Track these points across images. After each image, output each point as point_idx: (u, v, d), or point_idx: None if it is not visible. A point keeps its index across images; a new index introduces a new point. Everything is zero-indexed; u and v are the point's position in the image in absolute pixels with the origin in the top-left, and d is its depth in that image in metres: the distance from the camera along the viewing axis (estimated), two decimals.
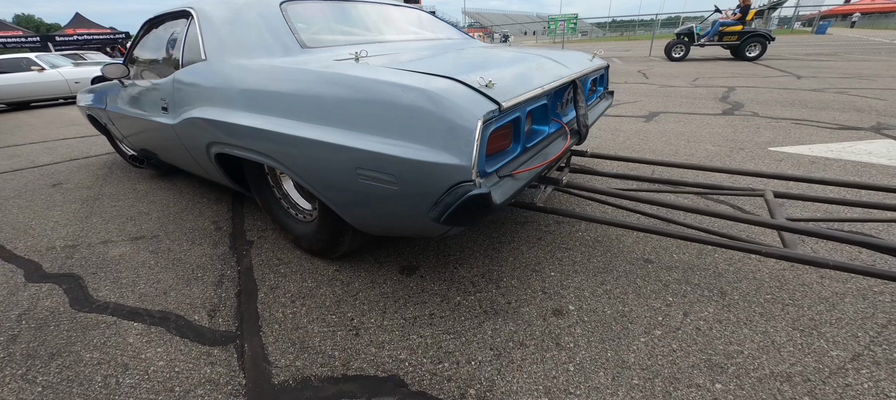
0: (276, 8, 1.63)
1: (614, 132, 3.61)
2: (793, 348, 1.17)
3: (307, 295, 1.54)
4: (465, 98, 0.97)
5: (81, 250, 1.99)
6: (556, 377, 1.11)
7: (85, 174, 3.24)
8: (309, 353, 1.25)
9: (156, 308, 1.51)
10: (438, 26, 2.45)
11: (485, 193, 0.95)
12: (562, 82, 1.38)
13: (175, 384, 1.16)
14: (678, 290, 1.44)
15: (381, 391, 1.11)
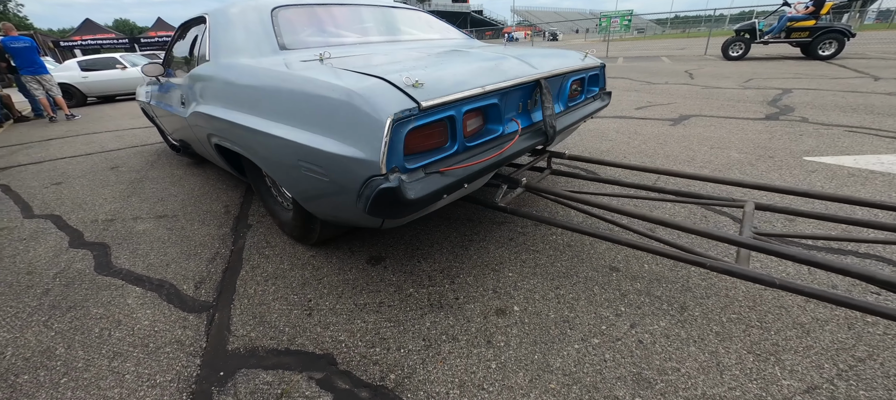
0: (267, 13, 1.79)
1: (632, 135, 3.43)
2: (739, 372, 1.08)
3: (280, 276, 1.68)
4: (383, 97, 1.03)
5: (116, 224, 2.31)
6: (475, 373, 1.13)
7: (138, 160, 3.72)
8: (264, 326, 1.38)
9: (156, 277, 1.74)
10: (435, 27, 2.50)
11: (394, 188, 1.00)
12: (513, 83, 1.37)
13: (150, 342, 1.35)
14: (635, 301, 1.38)
15: (313, 367, 1.20)
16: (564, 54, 2.00)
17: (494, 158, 1.26)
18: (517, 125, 1.46)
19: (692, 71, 7.64)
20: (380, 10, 2.27)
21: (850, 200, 1.29)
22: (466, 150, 1.27)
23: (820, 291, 0.97)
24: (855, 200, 1.29)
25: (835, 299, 0.94)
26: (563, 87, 1.82)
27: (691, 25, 44.84)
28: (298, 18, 1.88)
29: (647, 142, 3.21)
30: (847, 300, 0.93)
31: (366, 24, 2.13)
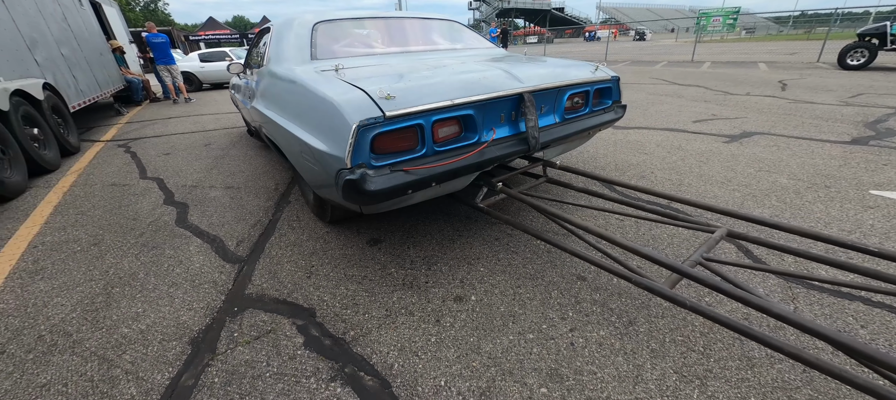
0: (309, 28, 2.16)
1: (673, 150, 3.23)
2: (654, 387, 1.13)
3: (297, 244, 2.04)
4: (353, 106, 1.27)
5: (197, 190, 2.94)
6: (415, 342, 1.34)
7: (225, 139, 4.53)
8: (274, 280, 1.74)
9: (212, 233, 2.23)
10: (461, 38, 2.68)
11: (356, 180, 1.24)
12: (488, 97, 1.52)
13: (196, 279, 1.79)
14: (587, 309, 1.45)
15: (297, 315, 1.51)
16: (571, 66, 2.06)
17: (457, 163, 1.44)
18: (492, 135, 1.60)
19: (789, 81, 6.64)
20: (408, 22, 2.53)
21: (819, 236, 1.21)
22: (436, 153, 1.46)
23: (724, 317, 0.99)
24: (823, 238, 1.21)
25: (737, 328, 0.96)
26: (560, 101, 1.89)
27: (822, 23, 37.56)
28: (333, 32, 2.22)
29: (686, 159, 3.02)
30: (747, 330, 0.94)
31: (392, 36, 2.41)
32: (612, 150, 3.33)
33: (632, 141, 3.58)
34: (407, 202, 1.62)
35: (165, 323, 1.51)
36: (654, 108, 4.91)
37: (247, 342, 1.38)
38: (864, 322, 1.33)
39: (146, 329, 1.48)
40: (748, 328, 0.93)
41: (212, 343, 1.39)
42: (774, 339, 0.92)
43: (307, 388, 1.19)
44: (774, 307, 0.96)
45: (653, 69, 9.56)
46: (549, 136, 1.80)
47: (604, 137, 3.74)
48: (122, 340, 1.43)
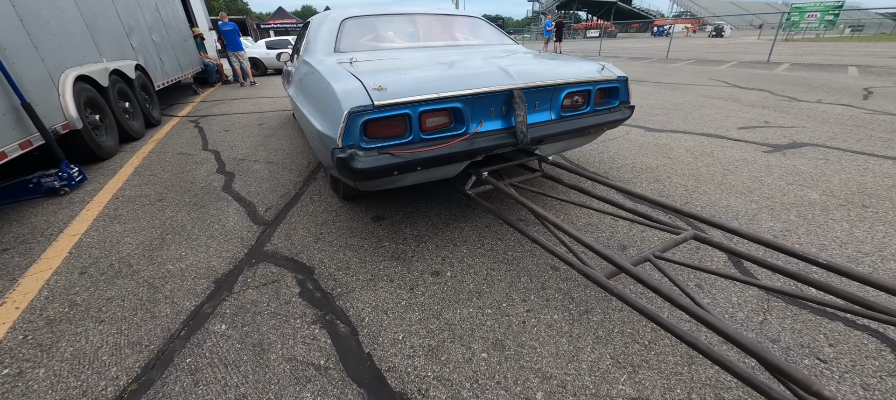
0: (337, 23, 2.41)
1: (701, 156, 3.08)
2: (586, 367, 1.23)
3: (314, 214, 2.33)
4: (349, 96, 1.48)
5: (244, 162, 3.38)
6: (388, 303, 1.54)
7: (276, 120, 5.05)
8: (287, 242, 2.04)
9: (248, 199, 2.60)
10: (481, 34, 2.79)
11: (345, 158, 1.45)
12: (475, 92, 1.64)
13: (229, 235, 2.14)
14: (549, 295, 1.55)
15: (299, 271, 1.78)
16: (573, 65, 2.10)
17: (440, 150, 1.60)
18: (479, 127, 1.73)
19: (878, 88, 5.80)
20: (431, 18, 2.70)
21: (785, 249, 1.20)
22: (422, 141, 1.63)
23: (643, 306, 1.05)
24: (785, 250, 1.19)
25: (653, 318, 1.03)
26: (556, 99, 1.96)
27: None
28: (357, 27, 2.46)
29: (713, 167, 2.88)
30: (669, 326, 1.01)
31: (413, 32, 2.59)
32: (634, 153, 3.25)
33: (660, 144, 3.45)
34: (399, 183, 1.81)
35: (199, 265, 1.86)
36: (699, 112, 4.62)
37: (256, 287, 1.68)
38: (800, 329, 1.29)
39: (185, 268, 1.84)
40: (663, 319, 1.00)
41: (230, 284, 1.70)
42: (688, 335, 0.98)
43: (293, 326, 1.44)
44: (695, 310, 1.01)
45: (716, 69, 8.79)
46: (542, 131, 1.89)
47: (629, 139, 3.64)
48: (167, 274, 1.80)
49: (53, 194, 2.77)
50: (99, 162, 3.51)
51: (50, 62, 3.14)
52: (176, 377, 1.24)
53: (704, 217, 1.41)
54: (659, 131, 3.87)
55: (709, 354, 0.89)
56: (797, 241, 1.88)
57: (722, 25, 33.71)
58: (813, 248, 1.82)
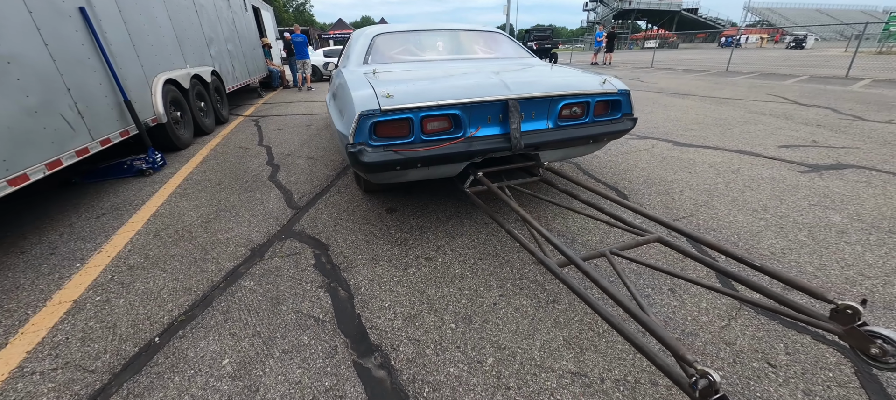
0: (370, 38, 2.76)
1: (726, 173, 3.00)
2: (538, 343, 1.39)
3: (338, 203, 2.68)
4: (362, 101, 1.77)
5: (289, 157, 3.87)
6: (383, 278, 1.80)
7: (323, 122, 5.60)
8: (313, 223, 2.38)
9: (287, 188, 3.02)
10: (499, 48, 3.00)
11: (354, 152, 1.74)
12: (472, 100, 1.86)
13: (267, 215, 2.54)
14: (525, 285, 1.72)
15: (316, 247, 2.10)
16: (574, 78, 2.25)
17: (437, 150, 1.83)
18: (474, 132, 1.94)
19: None
20: (453, 33, 2.96)
21: (726, 251, 1.27)
22: (423, 142, 1.88)
23: (581, 292, 1.20)
24: (723, 250, 1.26)
25: (588, 302, 1.17)
26: (553, 109, 2.12)
27: None
28: (386, 42, 2.79)
29: (733, 184, 2.81)
30: (597, 307, 1.15)
31: (433, 46, 2.87)
32: (653, 166, 3.25)
33: (685, 159, 3.40)
34: (405, 178, 2.07)
35: (241, 237, 2.25)
36: (740, 129, 4.40)
37: (281, 256, 2.02)
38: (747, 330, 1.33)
39: (230, 238, 2.24)
40: (593, 301, 1.15)
41: (262, 253, 2.07)
42: (622, 326, 1.12)
43: (304, 288, 1.75)
44: (626, 302, 1.14)
45: (779, 84, 8.11)
46: (537, 138, 2.06)
47: (654, 152, 3.61)
48: (216, 241, 2.21)
49: (141, 175, 3.42)
50: (177, 151, 4.20)
51: (147, 68, 3.86)
52: (212, 315, 1.59)
53: (665, 221, 1.50)
54: (687, 146, 3.78)
55: (623, 332, 1.03)
56: (796, 259, 1.85)
57: (804, 36, 30.40)
58: (810, 267, 1.80)
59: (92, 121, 2.91)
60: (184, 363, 1.35)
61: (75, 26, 2.93)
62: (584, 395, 1.19)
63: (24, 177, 2.21)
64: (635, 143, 3.97)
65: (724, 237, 2.07)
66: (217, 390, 1.24)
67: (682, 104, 6.11)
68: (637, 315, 1.02)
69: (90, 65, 3.03)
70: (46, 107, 2.49)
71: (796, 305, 1.07)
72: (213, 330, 1.51)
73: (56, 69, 2.64)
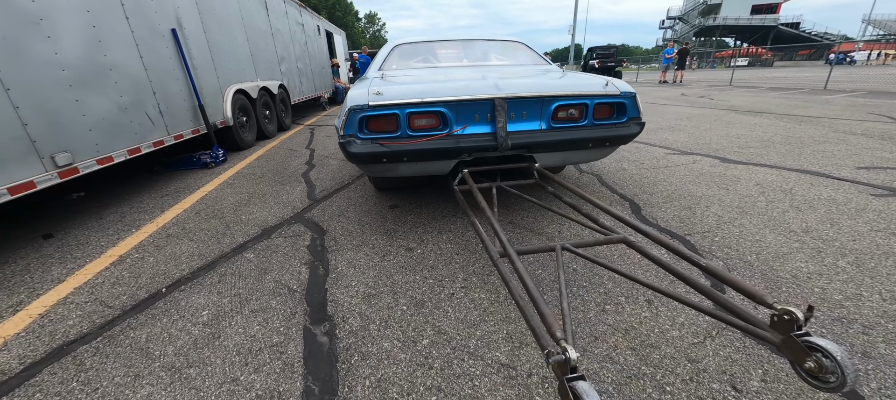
0: (390, 48, 2.98)
1: (772, 191, 2.62)
2: (479, 334, 1.37)
3: (349, 198, 2.89)
4: (355, 98, 1.93)
5: (326, 159, 4.24)
6: (360, 262, 1.91)
7: None
8: (322, 213, 2.61)
9: (314, 183, 3.33)
10: (514, 56, 3.03)
11: (343, 142, 1.91)
12: (458, 98, 1.92)
13: (288, 204, 2.84)
14: (489, 281, 1.70)
15: (315, 231, 2.30)
16: (573, 80, 2.19)
17: (419, 145, 1.92)
18: (459, 129, 2.00)
19: None
20: (469, 42, 3.07)
21: (684, 255, 1.15)
22: (409, 137, 1.99)
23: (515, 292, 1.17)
24: (670, 247, 1.13)
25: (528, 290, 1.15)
26: (546, 110, 2.09)
27: None
28: (405, 51, 2.99)
29: (777, 203, 2.45)
30: (531, 295, 1.13)
31: (449, 54, 2.99)
32: (686, 180, 2.96)
33: (727, 176, 3.04)
34: (395, 172, 2.17)
35: (259, 219, 2.55)
36: (815, 148, 3.80)
37: (284, 237, 2.25)
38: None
39: (251, 219, 2.55)
40: (514, 290, 1.13)
41: (270, 233, 2.32)
42: (524, 309, 1.08)
43: (290, 263, 1.93)
44: (534, 292, 1.11)
45: (890, 103, 6.79)
46: (527, 139, 2.04)
47: (692, 168, 3.28)
48: (239, 221, 2.53)
49: (205, 167, 4.02)
50: (239, 150, 4.86)
51: (222, 79, 4.57)
52: (210, 277, 1.84)
53: (628, 220, 1.40)
54: (736, 163, 3.37)
55: (524, 316, 1.00)
56: (822, 285, 1.57)
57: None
58: (838, 295, 1.51)
59: (170, 119, 3.53)
60: (174, 310, 1.59)
61: (166, 44, 3.63)
62: (503, 385, 1.15)
63: (109, 158, 2.77)
64: (674, 158, 3.65)
65: (739, 256, 1.83)
66: (189, 333, 1.44)
67: (751, 122, 5.43)
68: (531, 292, 0.99)
69: (174, 75, 3.70)
70: (135, 105, 3.10)
71: (735, 308, 0.94)
72: (206, 288, 1.75)
73: (146, 77, 3.29)
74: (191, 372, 1.25)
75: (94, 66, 2.73)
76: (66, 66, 2.49)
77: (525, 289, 1.04)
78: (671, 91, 11.35)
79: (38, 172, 2.23)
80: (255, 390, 1.17)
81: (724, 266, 1.75)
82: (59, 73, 2.45)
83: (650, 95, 10.13)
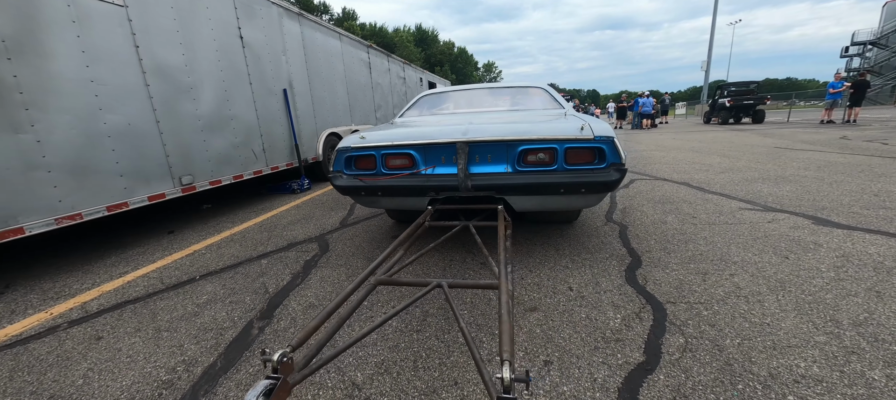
0: (417, 98, 3.39)
1: (795, 247, 1.95)
2: (390, 330, 1.50)
3: (371, 224, 3.28)
4: (345, 142, 2.33)
5: None
6: (329, 277, 2.22)
7: None
8: (340, 234, 3.06)
9: (354, 211, 3.87)
10: (528, 102, 3.06)
11: (331, 176, 2.31)
12: (424, 142, 2.12)
13: (323, 226, 3.40)
14: (421, 303, 1.79)
15: (323, 248, 2.73)
16: (546, 124, 2.17)
17: (389, 181, 2.18)
18: (426, 169, 2.18)
19: None
20: (485, 91, 3.26)
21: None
22: (382, 174, 2.27)
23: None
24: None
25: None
26: (511, 153, 2.10)
27: None
28: (428, 100, 3.35)
29: (801, 261, 1.83)
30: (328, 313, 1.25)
31: (462, 102, 3.22)
32: (733, 240, 2.42)
33: (803, 241, 2.35)
34: (378, 204, 2.45)
35: (293, 235, 3.15)
36: None
37: (298, 250, 2.75)
38: None
39: (288, 235, 3.17)
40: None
41: (291, 247, 2.86)
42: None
43: (283, 270, 2.37)
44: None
45: None
46: (491, 181, 2.10)
47: (766, 226, 2.64)
48: (280, 235, 3.18)
49: (291, 192, 5.06)
50: (324, 181, 5.91)
51: (319, 124, 5.74)
52: (228, 273, 2.41)
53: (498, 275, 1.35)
54: (836, 226, 2.56)
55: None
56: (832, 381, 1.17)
57: None
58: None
59: (270, 154, 4.65)
60: (190, 291, 2.17)
61: (277, 100, 4.84)
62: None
63: (218, 181, 3.84)
64: (747, 214, 2.97)
65: (714, 335, 1.47)
66: (184, 308, 1.96)
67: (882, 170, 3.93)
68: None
69: (280, 122, 4.88)
70: (245, 144, 4.23)
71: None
72: (219, 281, 2.30)
73: (257, 123, 4.45)
74: (164, 335, 1.73)
75: (220, 117, 3.90)
76: (201, 117, 3.66)
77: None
78: (830, 133, 8.88)
79: (168, 188, 3.30)
80: (185, 355, 1.55)
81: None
82: (196, 122, 3.60)
83: (791, 139, 8.15)
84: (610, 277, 2.04)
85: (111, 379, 1.44)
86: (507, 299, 1.13)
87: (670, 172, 5.00)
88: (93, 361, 1.56)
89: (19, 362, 1.58)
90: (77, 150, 2.60)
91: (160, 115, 3.23)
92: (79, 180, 2.61)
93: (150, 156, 3.14)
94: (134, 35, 3.01)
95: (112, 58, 2.84)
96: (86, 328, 1.84)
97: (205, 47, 3.69)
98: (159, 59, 3.22)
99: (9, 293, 2.30)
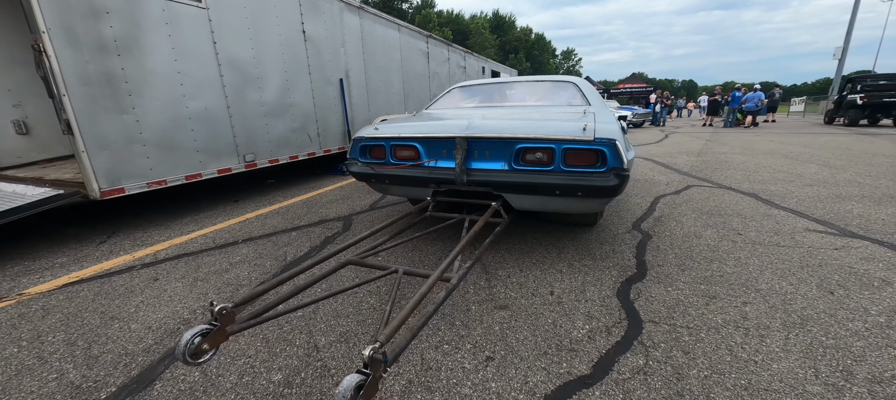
0: (449, 89, 3.47)
1: (811, 269, 1.60)
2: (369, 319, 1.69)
3: (387, 208, 3.50)
4: (362, 131, 2.53)
5: None
6: None
7: None
8: (364, 215, 3.33)
9: (386, 199, 4.14)
10: (555, 96, 2.93)
11: (347, 163, 2.54)
12: (428, 135, 2.22)
13: (354, 206, 3.72)
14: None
15: (346, 226, 3.02)
16: (547, 123, 2.11)
17: (396, 171, 2.34)
18: (429, 162, 2.27)
19: None
20: (514, 84, 3.19)
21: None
22: (390, 164, 2.43)
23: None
24: None
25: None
26: (509, 151, 2.09)
27: None
28: (458, 92, 3.40)
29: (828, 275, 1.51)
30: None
31: (492, 95, 3.20)
32: (769, 263, 2.11)
33: (855, 270, 1.96)
34: (389, 192, 2.63)
35: (326, 213, 3.50)
36: None
37: (324, 227, 3.07)
38: None
39: (323, 212, 3.54)
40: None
41: (321, 223, 3.20)
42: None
43: (304, 243, 2.70)
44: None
45: None
46: (487, 177, 2.13)
47: (833, 253, 2.24)
48: (317, 212, 3.56)
49: (341, 174, 5.54)
50: None
51: (372, 112, 6.14)
52: (264, 240, 2.81)
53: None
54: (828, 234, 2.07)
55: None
56: None
57: None
58: None
59: (323, 139, 5.14)
60: (229, 253, 2.59)
61: (334, 89, 5.30)
62: None
63: (276, 160, 4.40)
64: (811, 237, 2.53)
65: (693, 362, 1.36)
66: (219, 266, 2.37)
67: None
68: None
69: (335, 109, 5.34)
70: (302, 128, 4.75)
71: None
72: (254, 246, 2.71)
73: (314, 110, 4.95)
74: (199, 284, 2.13)
75: (281, 104, 4.44)
76: (264, 104, 4.20)
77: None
78: None
79: (234, 164, 3.89)
80: (205, 301, 1.91)
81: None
82: (260, 108, 4.15)
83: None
84: (600, 286, 1.95)
85: (152, 311, 1.85)
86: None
87: (740, 181, 4.36)
88: (146, 296, 2.00)
89: (102, 289, 2.10)
90: (165, 128, 3.23)
91: (231, 101, 3.80)
92: (165, 153, 3.25)
93: (221, 136, 3.74)
94: (213, 33, 3.57)
95: (195, 53, 3.43)
96: (151, 271, 2.34)
97: (271, 43, 4.21)
98: (232, 54, 3.78)
99: (113, 238, 2.99)
